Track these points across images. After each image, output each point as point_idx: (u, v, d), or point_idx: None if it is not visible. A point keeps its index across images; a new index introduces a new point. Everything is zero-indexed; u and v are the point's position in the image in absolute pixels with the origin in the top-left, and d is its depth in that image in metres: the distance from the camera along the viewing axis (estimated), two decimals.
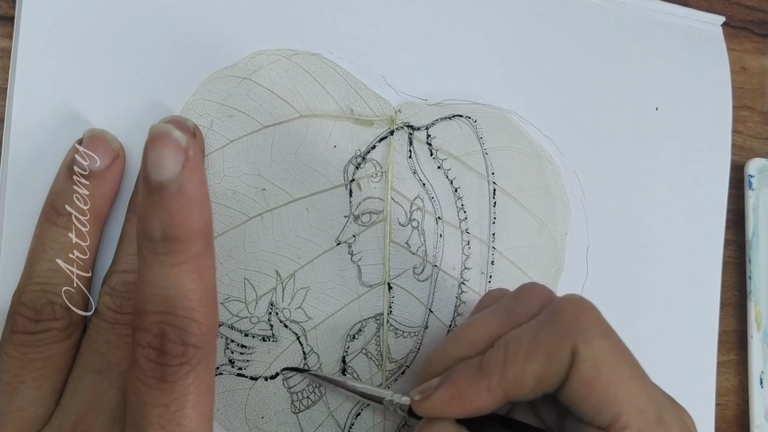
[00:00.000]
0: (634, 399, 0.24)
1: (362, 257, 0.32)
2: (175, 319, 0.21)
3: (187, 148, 0.20)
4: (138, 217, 0.21)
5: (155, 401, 0.21)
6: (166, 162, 0.20)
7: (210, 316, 0.21)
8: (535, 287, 0.28)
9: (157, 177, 0.20)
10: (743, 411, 0.39)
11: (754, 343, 0.38)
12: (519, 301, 0.28)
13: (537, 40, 0.36)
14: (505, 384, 0.25)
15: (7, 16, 0.28)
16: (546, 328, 0.25)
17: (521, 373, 0.25)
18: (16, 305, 0.25)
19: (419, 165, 0.33)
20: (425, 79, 0.33)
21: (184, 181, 0.20)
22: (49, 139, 0.28)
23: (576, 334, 0.24)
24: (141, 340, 0.21)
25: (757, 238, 0.39)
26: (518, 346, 0.25)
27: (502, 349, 0.25)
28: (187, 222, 0.20)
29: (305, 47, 0.31)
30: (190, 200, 0.20)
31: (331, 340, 0.31)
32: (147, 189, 0.20)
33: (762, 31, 0.42)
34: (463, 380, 0.25)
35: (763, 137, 0.41)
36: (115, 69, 0.29)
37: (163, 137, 0.20)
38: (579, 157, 0.36)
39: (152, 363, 0.21)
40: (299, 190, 0.31)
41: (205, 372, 0.22)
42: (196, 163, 0.20)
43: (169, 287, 0.21)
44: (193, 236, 0.20)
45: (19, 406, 0.24)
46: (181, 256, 0.20)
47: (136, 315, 0.21)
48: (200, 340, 0.21)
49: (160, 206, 0.20)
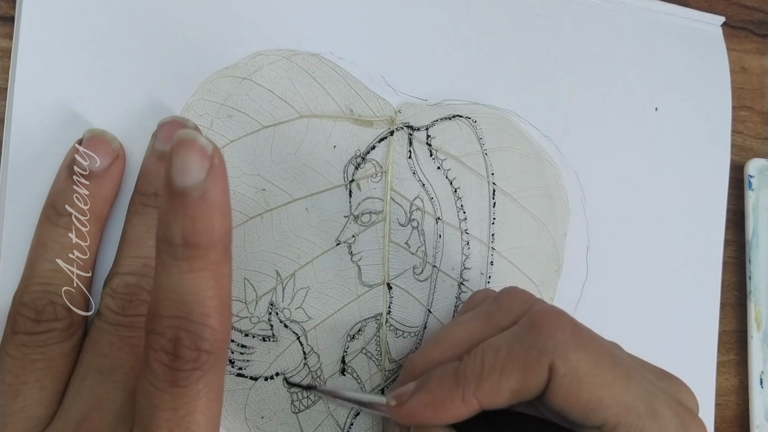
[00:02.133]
0: (621, 398, 0.24)
1: (362, 257, 0.32)
2: (190, 325, 0.21)
3: (213, 155, 0.20)
4: (158, 221, 0.21)
5: (165, 405, 0.21)
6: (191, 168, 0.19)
7: (224, 323, 0.22)
8: (516, 292, 0.28)
9: (181, 183, 0.19)
10: (743, 411, 0.39)
11: (754, 343, 0.38)
12: (500, 305, 0.28)
13: (537, 40, 0.36)
14: (480, 395, 0.25)
15: (7, 16, 0.28)
16: (523, 343, 0.25)
17: (497, 385, 0.25)
18: (18, 305, 0.25)
19: (419, 165, 0.33)
20: (425, 79, 0.33)
21: (208, 188, 0.20)
22: (49, 139, 0.28)
23: (552, 349, 0.24)
24: (155, 343, 0.21)
25: (757, 238, 0.39)
26: (494, 359, 0.25)
27: (479, 360, 0.25)
28: (208, 229, 0.20)
29: (305, 47, 0.31)
30: (212, 207, 0.20)
31: (331, 340, 0.31)
32: (170, 194, 0.20)
33: (762, 31, 0.42)
34: (438, 389, 0.25)
35: (763, 137, 0.41)
36: (115, 69, 0.29)
37: (189, 143, 0.20)
38: (579, 157, 0.36)
39: (164, 367, 0.21)
40: (299, 190, 0.31)
41: (216, 378, 0.22)
42: (221, 171, 0.20)
43: (186, 292, 0.21)
44: (213, 243, 0.20)
45: (22, 407, 0.24)
46: (200, 263, 0.20)
47: (150, 318, 0.21)
48: (213, 347, 0.21)
49: (183, 212, 0.20)
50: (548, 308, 0.26)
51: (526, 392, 0.25)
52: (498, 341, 0.26)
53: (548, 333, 0.25)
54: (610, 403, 0.24)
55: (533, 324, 0.26)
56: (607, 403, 0.24)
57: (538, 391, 0.25)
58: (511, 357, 0.25)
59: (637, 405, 0.24)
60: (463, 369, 0.25)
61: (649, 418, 0.24)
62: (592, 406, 0.24)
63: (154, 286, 0.21)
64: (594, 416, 0.24)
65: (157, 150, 0.27)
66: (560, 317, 0.26)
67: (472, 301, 0.31)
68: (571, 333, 0.25)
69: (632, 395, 0.24)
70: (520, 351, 0.25)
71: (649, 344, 0.36)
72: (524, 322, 0.26)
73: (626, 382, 0.24)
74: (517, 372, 0.25)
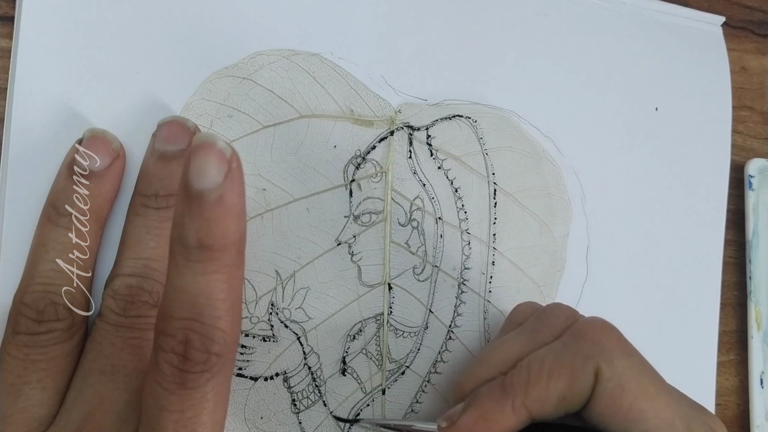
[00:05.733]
0: (662, 413, 0.24)
1: (362, 257, 0.32)
2: (200, 327, 0.21)
3: (231, 159, 0.20)
4: (173, 223, 0.21)
5: (173, 406, 0.21)
6: (209, 171, 0.20)
7: (234, 326, 0.22)
8: (561, 307, 0.29)
9: (198, 185, 0.20)
10: (743, 411, 0.39)
11: (754, 343, 0.38)
12: (544, 321, 0.28)
13: (537, 40, 0.36)
14: (529, 403, 0.25)
15: (7, 16, 0.28)
16: (569, 350, 0.25)
17: (545, 391, 0.25)
18: (19, 306, 0.25)
19: (419, 165, 0.33)
20: (425, 79, 0.33)
21: (225, 191, 0.20)
22: (49, 139, 0.27)
23: (598, 354, 0.25)
24: (164, 344, 0.21)
25: (757, 239, 0.39)
26: (541, 366, 0.25)
27: (525, 370, 0.26)
28: (224, 232, 0.20)
29: (305, 47, 0.31)
30: (228, 210, 0.20)
31: (331, 340, 0.31)
32: (186, 196, 0.20)
33: (762, 31, 0.42)
34: (487, 402, 0.26)
35: (763, 137, 0.41)
36: (115, 69, 0.29)
37: (208, 146, 0.20)
38: (579, 157, 0.36)
39: (174, 368, 0.21)
40: (299, 190, 0.31)
41: (224, 381, 0.22)
42: (238, 174, 0.20)
43: (198, 294, 0.21)
44: (228, 246, 0.21)
45: (24, 407, 0.24)
46: (214, 265, 0.21)
47: (161, 319, 0.21)
48: (223, 350, 0.21)
49: (199, 214, 0.20)
50: (594, 318, 0.27)
51: (573, 399, 0.25)
52: (544, 352, 0.26)
53: (594, 340, 0.25)
54: (651, 416, 0.24)
55: (579, 332, 0.26)
56: (648, 416, 0.24)
57: (584, 398, 0.25)
58: (557, 364, 0.25)
59: (676, 422, 0.24)
60: (510, 379, 0.26)
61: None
62: (633, 416, 0.24)
63: (166, 287, 0.21)
64: (633, 427, 0.24)
65: (157, 150, 0.27)
66: (606, 326, 0.26)
67: (515, 314, 0.31)
68: (617, 340, 0.26)
69: (672, 412, 0.24)
70: (566, 357, 0.25)
71: (649, 344, 0.36)
72: (570, 332, 0.26)
73: (667, 399, 0.25)
74: (564, 377, 0.25)
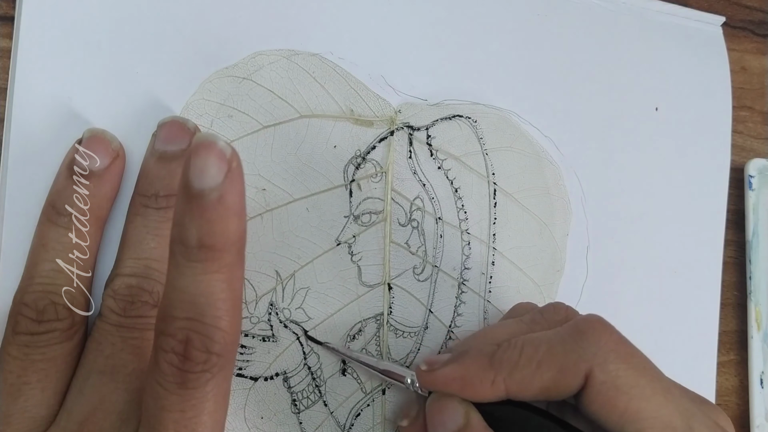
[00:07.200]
0: (659, 413, 0.24)
1: (362, 257, 0.32)
2: (201, 327, 0.21)
3: (231, 159, 0.20)
4: (173, 222, 0.21)
5: (173, 406, 0.21)
6: (210, 171, 0.20)
7: (235, 326, 0.22)
8: (561, 306, 0.29)
9: (199, 185, 0.20)
10: (743, 411, 0.39)
11: (754, 344, 0.38)
12: (544, 316, 0.28)
13: (537, 40, 0.36)
14: (511, 383, 0.25)
15: (7, 16, 0.28)
16: (565, 345, 0.25)
17: (529, 377, 0.25)
18: (18, 306, 0.25)
19: (419, 165, 0.33)
20: (425, 79, 0.33)
21: (225, 190, 0.20)
22: (49, 139, 0.27)
23: (592, 357, 0.25)
24: (165, 344, 0.21)
25: (757, 239, 0.39)
26: (533, 352, 0.25)
27: (517, 350, 0.26)
28: (224, 231, 0.20)
29: (305, 47, 0.31)
30: (229, 210, 0.20)
31: (331, 341, 0.31)
32: (186, 196, 0.20)
33: (762, 31, 0.42)
34: (471, 366, 0.26)
35: (763, 137, 0.41)
36: (115, 69, 0.29)
37: (208, 146, 0.20)
38: (579, 157, 0.36)
39: (174, 368, 0.21)
40: (299, 190, 0.31)
41: (224, 381, 0.22)
42: (238, 174, 0.20)
43: (199, 294, 0.21)
44: (228, 246, 0.21)
45: (24, 407, 0.24)
46: (214, 265, 0.21)
47: (161, 319, 0.21)
48: (223, 349, 0.21)
49: (199, 214, 0.20)
50: (595, 317, 0.27)
51: (555, 392, 0.25)
52: (540, 336, 0.26)
53: (591, 340, 0.25)
54: (647, 416, 0.24)
55: (578, 329, 0.26)
56: (644, 416, 0.24)
57: (567, 395, 0.25)
58: (549, 354, 0.25)
59: (674, 421, 0.24)
60: (500, 354, 0.26)
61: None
62: (629, 417, 0.24)
63: (166, 287, 0.21)
64: (630, 427, 0.24)
65: (157, 150, 0.27)
66: (606, 327, 0.26)
67: (514, 310, 0.31)
68: (614, 343, 0.25)
69: (670, 411, 0.24)
70: (560, 351, 0.25)
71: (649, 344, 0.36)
72: (570, 325, 0.26)
73: (665, 398, 0.25)
74: (553, 371, 0.25)
